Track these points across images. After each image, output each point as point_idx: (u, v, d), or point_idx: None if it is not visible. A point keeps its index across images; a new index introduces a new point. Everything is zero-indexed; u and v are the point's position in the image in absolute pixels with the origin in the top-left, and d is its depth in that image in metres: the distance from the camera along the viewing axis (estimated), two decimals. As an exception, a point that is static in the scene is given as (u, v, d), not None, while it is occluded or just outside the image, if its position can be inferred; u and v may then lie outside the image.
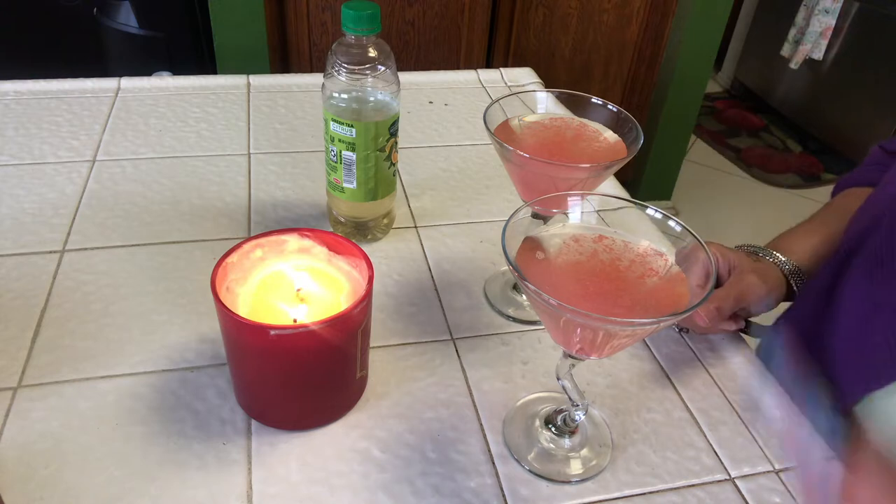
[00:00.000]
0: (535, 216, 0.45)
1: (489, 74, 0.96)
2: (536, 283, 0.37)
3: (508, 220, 0.41)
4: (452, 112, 0.88)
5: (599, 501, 0.46)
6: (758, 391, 0.55)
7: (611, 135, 0.56)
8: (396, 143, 0.61)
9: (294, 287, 0.48)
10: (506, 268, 0.64)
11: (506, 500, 0.46)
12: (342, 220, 0.65)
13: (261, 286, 0.48)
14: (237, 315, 0.42)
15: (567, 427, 0.50)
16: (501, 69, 0.97)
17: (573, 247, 0.43)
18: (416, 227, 0.69)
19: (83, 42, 1.46)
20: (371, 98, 0.58)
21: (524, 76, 0.97)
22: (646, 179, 2.04)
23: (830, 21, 2.30)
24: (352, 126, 0.57)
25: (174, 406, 0.49)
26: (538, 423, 0.50)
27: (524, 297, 0.60)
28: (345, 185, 0.61)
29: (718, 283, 0.55)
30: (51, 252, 0.61)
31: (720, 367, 0.57)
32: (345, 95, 0.57)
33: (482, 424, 0.50)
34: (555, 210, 0.46)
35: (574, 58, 1.78)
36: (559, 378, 0.46)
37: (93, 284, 0.58)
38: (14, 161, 0.72)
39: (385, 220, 0.66)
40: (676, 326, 0.59)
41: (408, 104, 0.88)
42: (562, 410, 0.50)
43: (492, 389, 0.53)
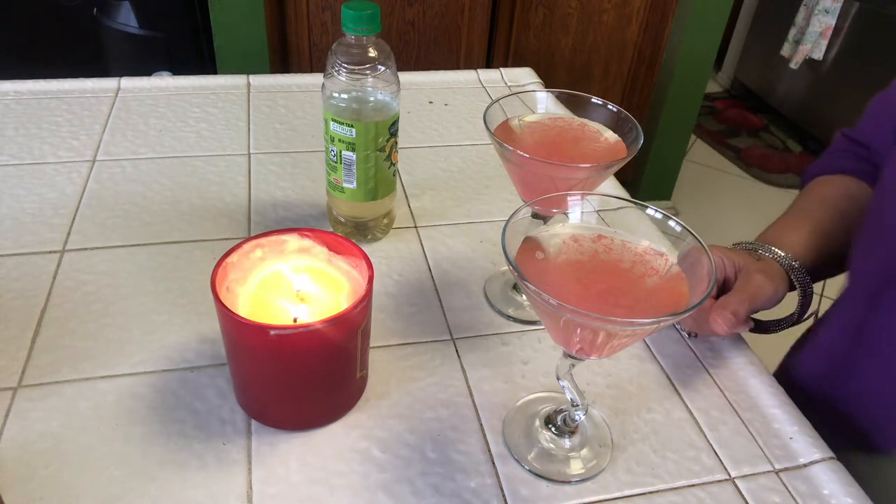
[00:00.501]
0: (535, 216, 0.45)
1: (489, 74, 0.96)
2: (536, 283, 0.37)
3: (508, 220, 0.41)
4: (452, 112, 0.88)
5: (599, 501, 0.46)
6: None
7: (611, 135, 0.56)
8: (396, 143, 0.61)
9: (294, 287, 0.48)
10: (506, 268, 0.64)
11: (506, 500, 0.46)
12: (342, 220, 0.65)
13: (261, 286, 0.48)
14: (237, 315, 0.42)
15: (567, 427, 0.50)
16: (501, 69, 0.97)
17: (573, 247, 0.43)
18: (416, 227, 0.69)
19: (83, 42, 1.46)
20: (371, 98, 0.58)
21: (524, 76, 0.97)
22: (646, 179, 2.04)
23: (830, 21, 2.30)
24: (352, 126, 0.57)
25: (174, 406, 0.49)
26: (538, 423, 0.50)
27: (524, 297, 0.60)
28: (345, 185, 0.61)
29: (727, 286, 0.55)
30: (51, 252, 0.61)
31: (720, 367, 0.56)
32: (345, 95, 0.57)
33: (482, 424, 0.50)
34: (555, 210, 0.46)
35: (574, 58, 1.78)
36: (559, 378, 0.46)
37: (93, 284, 0.58)
38: (14, 161, 0.72)
39: (385, 220, 0.66)
40: (686, 332, 0.59)
41: (408, 104, 0.88)
42: (562, 410, 0.50)
43: (492, 389, 0.53)
